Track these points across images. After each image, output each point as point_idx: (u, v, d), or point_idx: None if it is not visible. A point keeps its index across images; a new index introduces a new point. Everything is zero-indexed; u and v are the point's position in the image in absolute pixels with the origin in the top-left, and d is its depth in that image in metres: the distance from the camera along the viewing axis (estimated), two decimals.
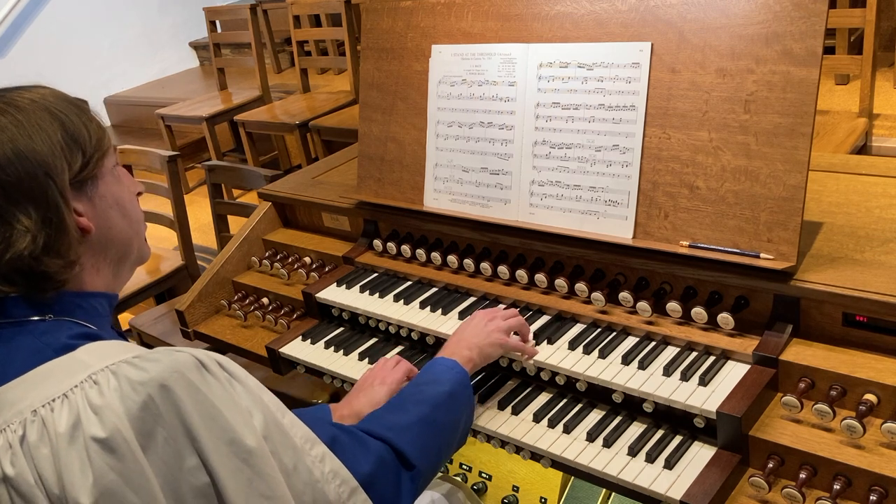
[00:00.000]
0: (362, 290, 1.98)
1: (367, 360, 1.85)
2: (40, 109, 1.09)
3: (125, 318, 3.32)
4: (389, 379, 1.59)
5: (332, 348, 1.92)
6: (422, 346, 1.85)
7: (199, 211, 4.32)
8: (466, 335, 1.55)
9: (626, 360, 1.53)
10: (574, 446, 1.47)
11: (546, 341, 1.63)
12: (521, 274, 1.78)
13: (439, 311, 1.82)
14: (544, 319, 1.72)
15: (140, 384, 0.96)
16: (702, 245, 1.54)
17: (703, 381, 1.43)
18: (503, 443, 1.56)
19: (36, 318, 1.08)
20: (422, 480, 1.27)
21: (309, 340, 1.97)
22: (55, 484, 0.95)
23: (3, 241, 1.04)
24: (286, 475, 1.04)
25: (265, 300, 2.21)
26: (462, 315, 1.78)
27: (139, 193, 1.26)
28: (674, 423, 1.47)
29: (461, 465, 2.14)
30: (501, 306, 1.76)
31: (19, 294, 1.08)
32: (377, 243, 2.07)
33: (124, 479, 0.94)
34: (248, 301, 2.24)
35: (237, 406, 1.02)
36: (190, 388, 0.98)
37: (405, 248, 2.00)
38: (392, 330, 1.89)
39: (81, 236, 1.11)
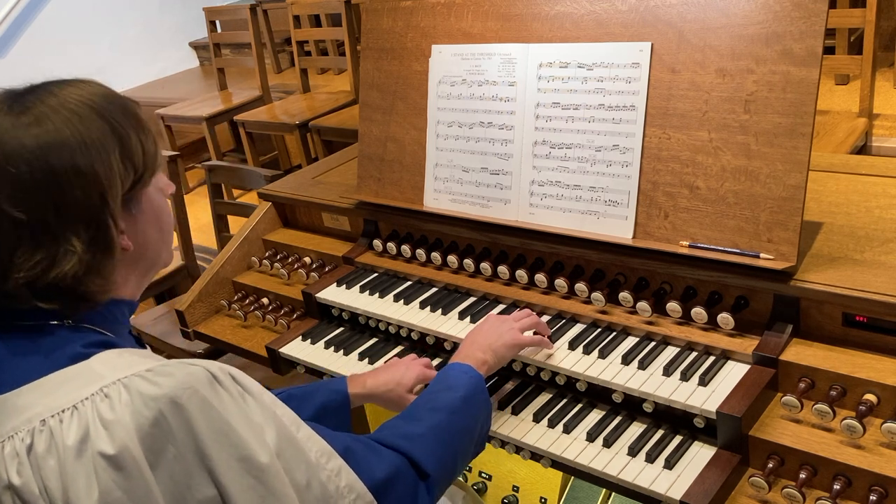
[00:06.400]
0: (362, 290, 1.98)
1: (366, 360, 1.85)
2: (98, 118, 1.06)
3: None
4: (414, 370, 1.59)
5: (332, 348, 1.92)
6: (422, 347, 1.85)
7: (199, 211, 4.32)
8: (479, 338, 1.53)
9: (626, 360, 1.53)
10: (574, 446, 1.47)
11: None
12: (521, 274, 1.77)
13: (439, 311, 1.82)
14: (544, 319, 1.71)
15: (152, 399, 0.95)
16: (702, 245, 1.54)
17: (703, 381, 1.43)
18: (503, 443, 1.56)
19: (55, 322, 1.06)
20: (438, 490, 1.25)
21: (309, 340, 1.97)
22: (60, 497, 0.94)
23: (48, 258, 1.01)
24: (299, 492, 1.03)
25: (265, 300, 2.21)
26: (462, 315, 1.78)
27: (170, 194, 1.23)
28: (674, 423, 1.47)
29: None
30: (516, 312, 1.71)
31: (53, 310, 1.04)
32: (377, 243, 2.07)
33: (130, 496, 0.94)
34: (248, 301, 2.24)
35: (250, 422, 1.01)
36: (202, 405, 0.97)
37: (405, 248, 2.00)
38: (392, 330, 1.89)
39: (121, 254, 1.09)
